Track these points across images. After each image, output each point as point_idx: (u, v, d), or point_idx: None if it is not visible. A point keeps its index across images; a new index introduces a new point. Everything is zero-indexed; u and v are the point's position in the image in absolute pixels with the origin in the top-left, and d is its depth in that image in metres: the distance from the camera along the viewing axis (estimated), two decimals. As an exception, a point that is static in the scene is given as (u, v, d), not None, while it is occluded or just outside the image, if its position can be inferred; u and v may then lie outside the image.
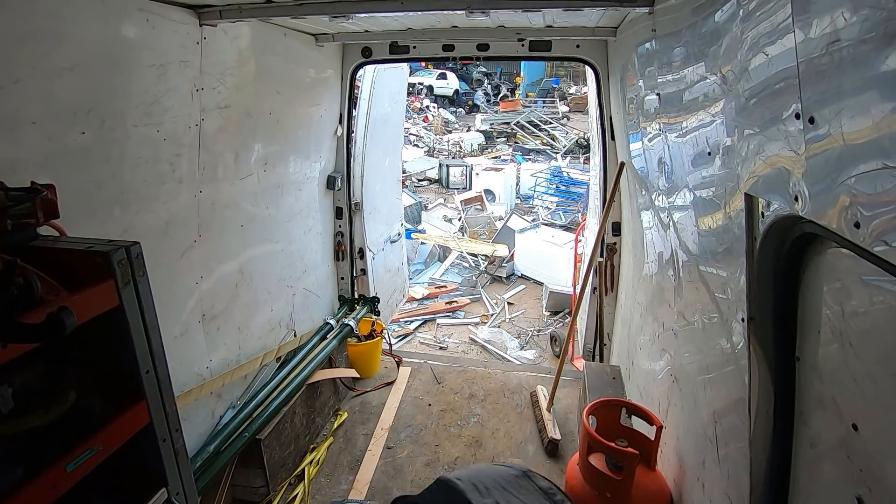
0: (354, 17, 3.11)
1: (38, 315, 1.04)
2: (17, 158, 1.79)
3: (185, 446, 1.55)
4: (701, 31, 1.67)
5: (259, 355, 3.56)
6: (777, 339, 1.23)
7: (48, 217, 1.27)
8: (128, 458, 1.35)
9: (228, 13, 2.59)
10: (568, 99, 23.54)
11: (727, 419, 1.56)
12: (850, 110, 0.82)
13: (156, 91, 2.43)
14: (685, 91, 1.91)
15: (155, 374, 1.40)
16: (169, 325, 2.61)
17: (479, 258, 10.03)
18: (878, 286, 0.85)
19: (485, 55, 4.09)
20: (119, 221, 2.30)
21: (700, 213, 1.79)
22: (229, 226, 3.18)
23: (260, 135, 3.39)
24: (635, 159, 3.19)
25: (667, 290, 2.37)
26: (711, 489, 1.71)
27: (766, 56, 1.12)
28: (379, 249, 5.32)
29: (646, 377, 2.82)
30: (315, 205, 4.38)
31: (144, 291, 1.35)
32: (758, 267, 1.26)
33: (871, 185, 0.76)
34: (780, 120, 1.04)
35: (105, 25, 2.12)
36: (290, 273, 4.01)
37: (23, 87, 1.79)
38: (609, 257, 4.18)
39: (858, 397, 0.93)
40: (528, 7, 2.91)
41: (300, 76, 3.89)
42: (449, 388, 4.65)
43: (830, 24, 0.85)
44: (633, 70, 2.97)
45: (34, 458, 1.13)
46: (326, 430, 4.07)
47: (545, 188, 13.64)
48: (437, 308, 8.33)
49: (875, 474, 0.88)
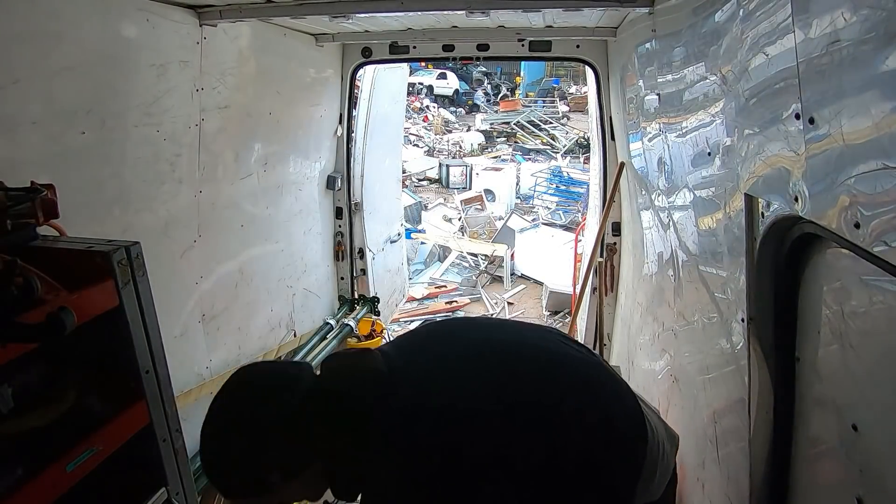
0: (354, 17, 3.11)
1: (38, 315, 1.04)
2: (17, 158, 1.79)
3: (185, 446, 1.55)
4: (701, 31, 1.67)
5: (259, 355, 3.56)
6: (777, 340, 1.23)
7: (48, 217, 1.27)
8: (128, 458, 1.35)
9: (228, 13, 2.58)
10: (568, 99, 23.52)
11: (727, 419, 1.56)
12: (850, 110, 0.81)
13: (156, 91, 2.43)
14: (685, 91, 1.91)
15: (155, 374, 1.40)
16: (169, 325, 2.61)
17: (479, 258, 10.03)
18: (878, 286, 0.85)
19: (485, 55, 4.09)
20: (119, 221, 2.30)
21: (700, 213, 1.79)
22: (229, 226, 3.18)
23: (260, 135, 3.39)
24: (635, 159, 3.19)
25: (666, 290, 2.37)
26: (711, 489, 1.71)
27: (766, 56, 1.12)
28: (379, 249, 5.31)
29: (645, 377, 2.82)
30: (315, 205, 4.37)
31: (144, 291, 1.35)
32: (758, 267, 1.26)
33: (871, 185, 0.76)
34: (780, 120, 1.04)
35: (105, 25, 2.12)
36: (290, 273, 4.01)
37: (23, 87, 1.79)
38: (609, 257, 4.18)
39: (858, 397, 0.93)
40: (528, 7, 2.91)
41: (300, 76, 3.89)
42: (449, 388, 4.64)
43: (830, 24, 0.85)
44: (633, 70, 2.97)
45: (34, 458, 1.13)
46: (326, 430, 4.07)
47: (545, 188, 13.64)
48: (437, 308, 8.33)
49: (875, 474, 0.88)
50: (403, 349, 1.27)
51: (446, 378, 1.17)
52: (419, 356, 1.23)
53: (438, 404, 1.11)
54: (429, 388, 1.15)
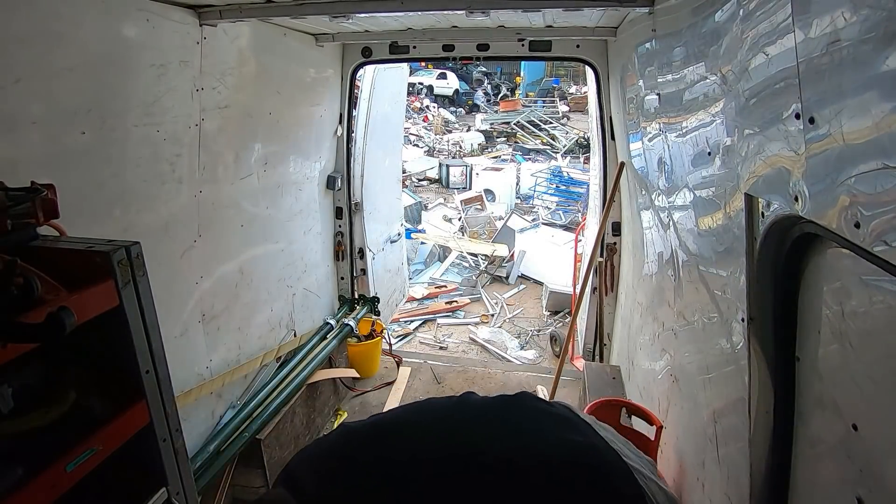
0: (354, 17, 3.11)
1: (38, 315, 1.04)
2: (17, 158, 1.79)
3: (185, 446, 1.55)
4: (701, 31, 1.67)
5: (259, 355, 3.56)
6: (777, 339, 1.23)
7: (48, 217, 1.27)
8: (128, 458, 1.35)
9: (228, 13, 2.59)
10: (568, 99, 23.52)
11: (727, 419, 1.56)
12: (850, 110, 0.82)
13: (156, 91, 2.43)
14: (685, 91, 1.91)
15: (155, 374, 1.40)
16: (169, 325, 2.61)
17: (479, 258, 10.03)
18: (878, 286, 0.85)
19: (485, 55, 4.09)
20: (119, 221, 2.30)
21: (700, 213, 1.79)
22: (229, 226, 3.18)
23: (260, 135, 3.39)
24: (635, 159, 3.19)
25: (667, 290, 2.37)
26: (711, 489, 1.71)
27: (766, 56, 1.12)
28: (379, 249, 5.32)
29: (646, 377, 2.82)
30: (315, 205, 4.38)
31: (144, 291, 1.35)
32: (758, 267, 1.26)
33: (871, 185, 0.76)
34: (780, 120, 1.04)
35: (105, 25, 2.12)
36: (290, 273, 4.01)
37: (23, 87, 1.79)
38: (609, 257, 4.18)
39: (858, 397, 0.93)
40: (528, 7, 2.91)
41: (300, 76, 3.89)
42: (449, 388, 4.65)
43: (830, 24, 0.85)
44: (633, 70, 2.97)
45: (34, 458, 1.13)
46: (326, 430, 4.07)
47: (545, 188, 13.64)
48: (437, 308, 8.33)
49: (875, 474, 0.88)
50: (322, 476, 1.02)
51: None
52: (338, 486, 0.99)
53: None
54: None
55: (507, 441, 1.03)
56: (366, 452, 1.03)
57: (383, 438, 1.06)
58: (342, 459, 1.03)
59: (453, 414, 1.12)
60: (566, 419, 1.11)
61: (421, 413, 1.17)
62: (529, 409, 1.15)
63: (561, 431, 1.08)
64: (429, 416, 1.14)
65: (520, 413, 1.14)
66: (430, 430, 1.08)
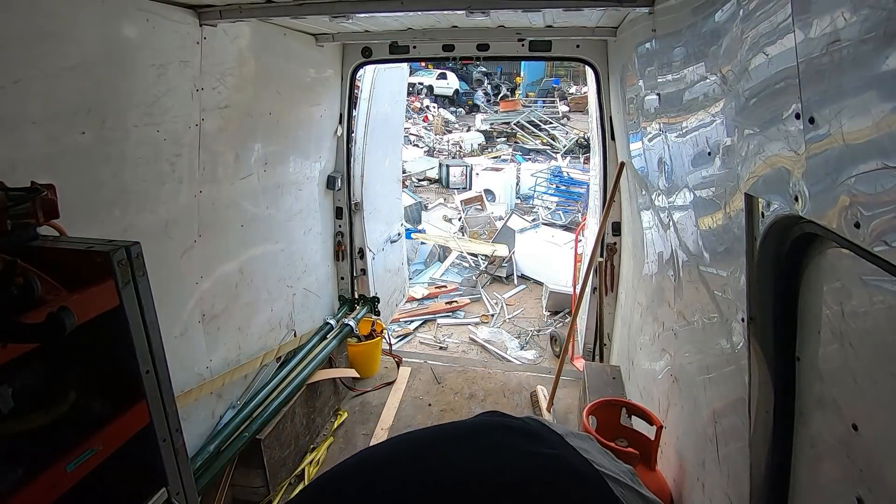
0: (354, 17, 3.11)
1: (38, 315, 1.05)
2: (17, 158, 1.79)
3: (185, 446, 1.55)
4: (701, 31, 1.67)
5: (259, 355, 3.56)
6: (777, 339, 1.23)
7: (48, 217, 1.27)
8: (128, 459, 1.35)
9: (228, 13, 2.59)
10: (568, 99, 23.53)
11: (727, 419, 1.56)
12: (850, 110, 0.82)
13: (156, 91, 2.43)
14: (685, 91, 1.91)
15: (155, 374, 1.40)
16: (169, 325, 2.61)
17: (479, 258, 10.03)
18: (878, 286, 0.85)
19: (485, 55, 4.09)
20: (119, 221, 2.30)
21: (700, 213, 1.79)
22: (229, 226, 3.18)
23: (260, 135, 3.39)
24: (635, 159, 3.19)
25: (667, 290, 2.37)
26: (711, 489, 1.71)
27: (766, 56, 1.12)
28: (379, 249, 5.32)
29: (646, 377, 2.82)
30: (315, 205, 4.38)
31: (144, 291, 1.35)
32: (758, 267, 1.26)
33: (871, 185, 0.76)
34: (780, 120, 1.04)
35: (105, 25, 2.12)
36: (290, 273, 4.01)
37: (23, 87, 1.79)
38: (609, 257, 4.18)
39: (858, 397, 0.93)
40: (528, 7, 2.91)
41: (300, 76, 3.89)
42: (449, 388, 4.65)
43: (830, 24, 0.85)
44: (633, 70, 2.97)
45: (34, 458, 1.13)
46: (326, 430, 4.07)
47: (545, 188, 13.63)
48: (437, 308, 8.32)
49: (875, 474, 0.88)
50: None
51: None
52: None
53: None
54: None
55: (467, 466, 0.99)
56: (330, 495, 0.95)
57: (347, 478, 0.99)
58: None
59: (423, 443, 1.08)
60: (533, 433, 1.09)
61: (397, 445, 1.14)
62: (495, 429, 1.11)
63: (525, 445, 1.05)
64: (395, 448, 1.08)
65: (486, 435, 1.09)
66: (396, 463, 1.02)
